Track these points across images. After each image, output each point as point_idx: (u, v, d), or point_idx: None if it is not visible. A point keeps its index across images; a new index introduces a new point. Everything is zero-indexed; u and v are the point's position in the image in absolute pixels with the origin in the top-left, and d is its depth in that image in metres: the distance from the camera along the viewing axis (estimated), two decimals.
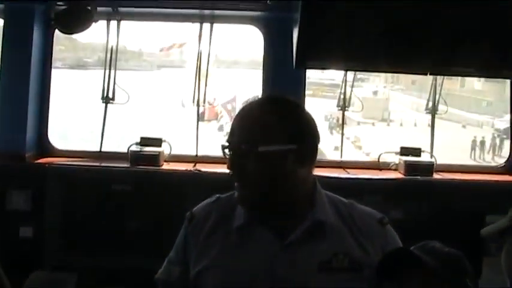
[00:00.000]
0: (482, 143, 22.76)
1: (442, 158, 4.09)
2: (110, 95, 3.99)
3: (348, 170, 3.92)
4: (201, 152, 4.02)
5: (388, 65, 3.31)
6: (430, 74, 3.76)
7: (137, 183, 3.65)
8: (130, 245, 3.57)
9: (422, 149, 4.02)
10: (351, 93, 4.21)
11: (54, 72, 3.99)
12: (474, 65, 3.28)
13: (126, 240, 3.58)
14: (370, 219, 2.09)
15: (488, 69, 3.32)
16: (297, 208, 2.00)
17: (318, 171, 2.27)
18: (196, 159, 3.96)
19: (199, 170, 3.72)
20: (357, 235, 2.03)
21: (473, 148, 22.17)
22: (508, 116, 4.45)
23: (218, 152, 3.96)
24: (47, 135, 3.96)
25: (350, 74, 4.26)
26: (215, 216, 2.09)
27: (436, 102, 4.19)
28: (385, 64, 3.29)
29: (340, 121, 4.37)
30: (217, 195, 2.18)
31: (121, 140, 4.00)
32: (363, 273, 1.97)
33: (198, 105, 4.05)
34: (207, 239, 2.07)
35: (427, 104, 4.23)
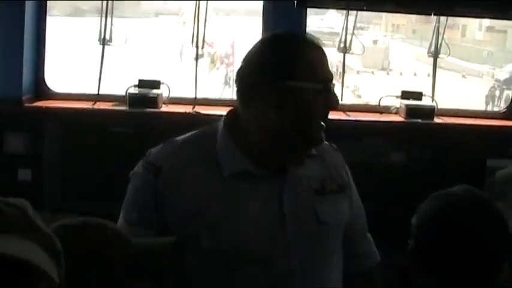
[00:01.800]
0: (493, 97, 22.13)
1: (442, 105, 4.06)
2: (108, 37, 3.94)
3: (349, 113, 3.89)
4: (200, 95, 3.98)
5: (391, 4, 3.25)
6: (434, 15, 3.70)
7: (136, 126, 3.62)
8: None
9: (423, 93, 3.99)
10: (351, 38, 4.16)
11: (50, 20, 3.92)
12: (479, 5, 3.22)
13: (124, 183, 3.56)
14: (327, 146, 2.13)
15: (493, 9, 3.27)
16: None
17: None
18: (195, 102, 3.92)
19: (198, 112, 3.68)
20: (328, 160, 2.08)
21: (487, 103, 21.29)
22: (509, 66, 4.41)
23: (217, 95, 3.93)
24: (44, 79, 3.91)
25: (350, 22, 4.19)
26: (192, 164, 1.94)
27: (439, 45, 4.13)
28: (389, 3, 3.23)
29: (340, 70, 4.31)
30: (174, 139, 2.05)
31: (119, 82, 3.95)
32: (345, 193, 2.09)
33: (197, 47, 3.99)
34: (194, 191, 1.92)
35: (429, 48, 4.17)
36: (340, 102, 1.98)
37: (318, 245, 1.99)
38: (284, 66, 1.90)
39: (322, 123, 1.93)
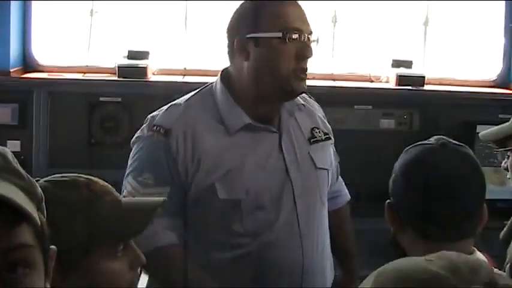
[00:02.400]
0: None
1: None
2: (95, 8, 3.89)
3: (339, 82, 3.88)
4: (190, 65, 3.94)
5: None
6: None
7: (124, 95, 3.60)
8: (120, 158, 3.54)
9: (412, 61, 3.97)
10: None
11: None
12: None
13: (113, 152, 3.54)
14: (310, 99, 2.37)
15: None
16: None
17: (308, 82, 2.29)
18: (185, 72, 3.89)
19: (186, 82, 3.65)
20: (314, 111, 2.34)
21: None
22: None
23: (207, 65, 3.89)
24: (31, 51, 3.86)
25: None
26: (197, 123, 2.10)
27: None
28: None
29: None
30: (176, 102, 2.21)
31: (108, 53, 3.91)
32: (331, 139, 2.34)
33: (186, 17, 3.93)
34: (205, 148, 2.08)
35: None
36: (313, 54, 2.09)
37: (316, 188, 2.22)
38: (249, 19, 2.08)
39: (300, 74, 2.09)
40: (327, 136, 2.32)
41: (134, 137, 2.22)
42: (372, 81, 3.93)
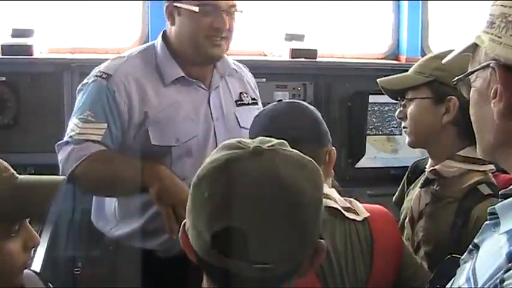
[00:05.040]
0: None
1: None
2: None
3: (233, 57, 3.85)
4: (79, 44, 3.81)
5: None
6: None
7: (10, 74, 3.44)
8: (7, 139, 3.42)
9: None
10: None
11: None
12: None
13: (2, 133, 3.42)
14: (244, 67, 2.76)
15: None
16: None
17: None
18: (74, 50, 3.75)
19: (73, 60, 3.54)
20: (245, 78, 2.69)
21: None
22: None
23: (96, 44, 3.78)
24: None
25: None
26: (137, 72, 2.39)
27: None
28: None
29: None
30: (121, 54, 2.50)
31: None
32: (258, 105, 2.63)
33: None
34: (141, 95, 2.36)
35: None
36: (227, 25, 2.37)
37: None
38: None
39: (214, 41, 2.37)
40: (254, 101, 2.64)
41: (80, 85, 2.44)
42: (265, 56, 3.94)
